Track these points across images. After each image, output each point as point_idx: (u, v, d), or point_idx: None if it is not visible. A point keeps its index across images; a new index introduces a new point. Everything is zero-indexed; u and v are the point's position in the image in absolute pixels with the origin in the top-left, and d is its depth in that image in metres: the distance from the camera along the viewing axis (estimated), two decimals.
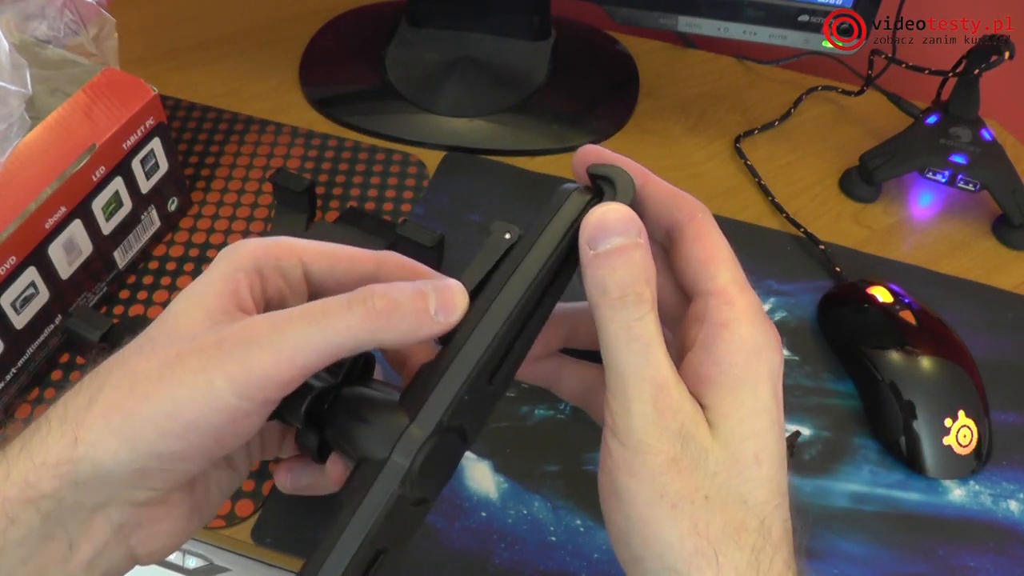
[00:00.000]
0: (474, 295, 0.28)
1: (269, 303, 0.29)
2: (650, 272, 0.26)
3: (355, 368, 0.31)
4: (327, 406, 0.29)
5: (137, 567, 0.30)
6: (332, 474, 0.31)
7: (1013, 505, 0.48)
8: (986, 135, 0.61)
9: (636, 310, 0.26)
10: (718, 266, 0.28)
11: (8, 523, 0.26)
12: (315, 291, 0.30)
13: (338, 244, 0.30)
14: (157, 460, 0.26)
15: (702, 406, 0.26)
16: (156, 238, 0.57)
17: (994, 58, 0.59)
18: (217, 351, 0.25)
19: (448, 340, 0.27)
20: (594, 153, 0.29)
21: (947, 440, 0.48)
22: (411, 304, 0.26)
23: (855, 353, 0.52)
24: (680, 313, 0.29)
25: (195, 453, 0.26)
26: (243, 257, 0.28)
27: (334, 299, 0.26)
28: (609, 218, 0.26)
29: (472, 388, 0.26)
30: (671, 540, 0.25)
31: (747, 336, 0.26)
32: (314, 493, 0.34)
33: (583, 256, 0.26)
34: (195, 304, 0.27)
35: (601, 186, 0.29)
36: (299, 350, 0.25)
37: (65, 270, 0.49)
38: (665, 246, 0.30)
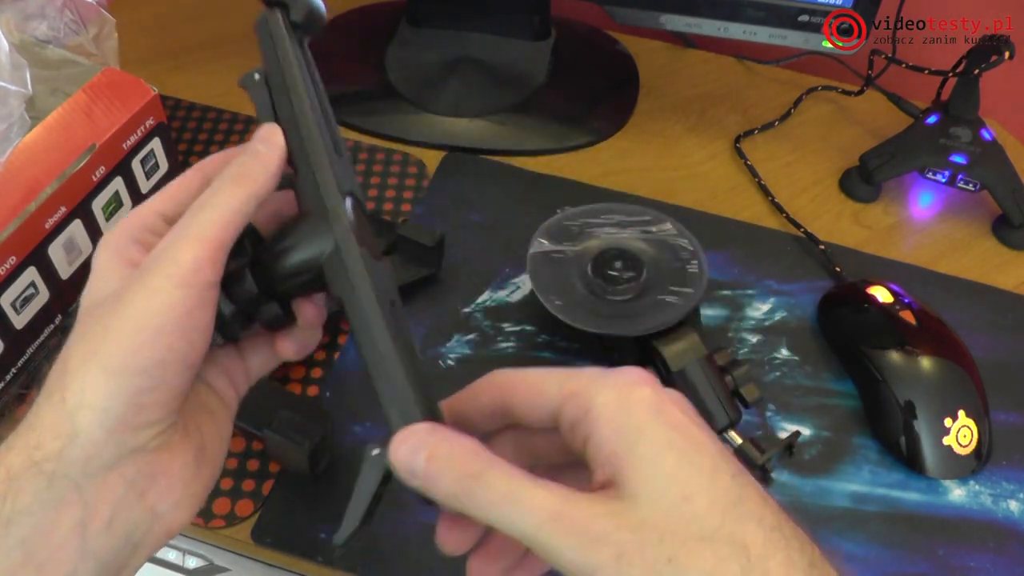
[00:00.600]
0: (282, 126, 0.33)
1: None
2: (464, 446, 0.27)
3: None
4: (260, 274, 0.32)
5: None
6: (287, 347, 0.35)
7: (1013, 505, 0.48)
8: (986, 135, 0.61)
9: (482, 486, 0.26)
10: (545, 385, 0.28)
11: (13, 490, 0.26)
12: None
13: (173, 181, 0.33)
14: (142, 377, 0.27)
15: (618, 485, 0.26)
16: None
17: (994, 58, 0.59)
18: (147, 268, 0.29)
19: (293, 161, 0.33)
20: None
21: (947, 440, 0.48)
22: (251, 159, 0.31)
23: (855, 353, 0.52)
24: (559, 451, 0.30)
25: (172, 357, 0.28)
26: (113, 239, 0.31)
27: (208, 188, 0.31)
28: (402, 450, 0.27)
29: (332, 160, 0.32)
30: None
31: (605, 400, 0.26)
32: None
33: (415, 489, 0.27)
34: (99, 282, 0.30)
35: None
36: (208, 231, 0.29)
37: (65, 270, 0.49)
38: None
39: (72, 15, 0.55)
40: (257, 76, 0.34)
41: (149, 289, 0.28)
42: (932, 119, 0.63)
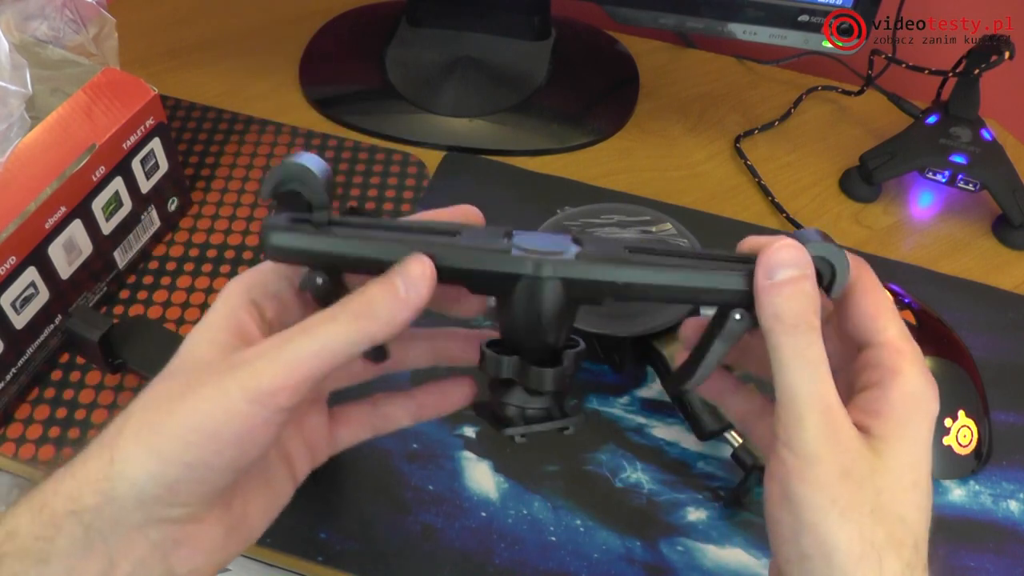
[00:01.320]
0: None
1: (271, 326, 0.32)
2: (818, 303, 0.29)
3: None
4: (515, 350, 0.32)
5: None
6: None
7: (1013, 505, 0.48)
8: (986, 135, 0.61)
9: (807, 336, 0.29)
10: (886, 320, 0.31)
11: (56, 532, 0.28)
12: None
13: None
14: (185, 470, 0.28)
15: (871, 434, 0.29)
16: (156, 238, 0.57)
17: (994, 58, 0.59)
18: (230, 369, 0.28)
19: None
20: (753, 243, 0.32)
21: (947, 440, 0.48)
22: (382, 295, 0.28)
23: None
24: (841, 359, 0.32)
25: (219, 462, 0.28)
26: (236, 294, 0.31)
27: (325, 311, 0.29)
28: (784, 252, 0.29)
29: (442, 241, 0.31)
30: (840, 543, 0.28)
31: (917, 382, 0.30)
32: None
33: (759, 285, 0.30)
34: (206, 339, 0.30)
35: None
36: (300, 360, 0.28)
37: (65, 270, 0.49)
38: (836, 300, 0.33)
39: (72, 15, 0.55)
40: (320, 280, 0.30)
41: (222, 394, 0.28)
42: (932, 119, 0.63)
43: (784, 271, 0.29)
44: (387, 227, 0.31)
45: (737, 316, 0.31)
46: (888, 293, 0.32)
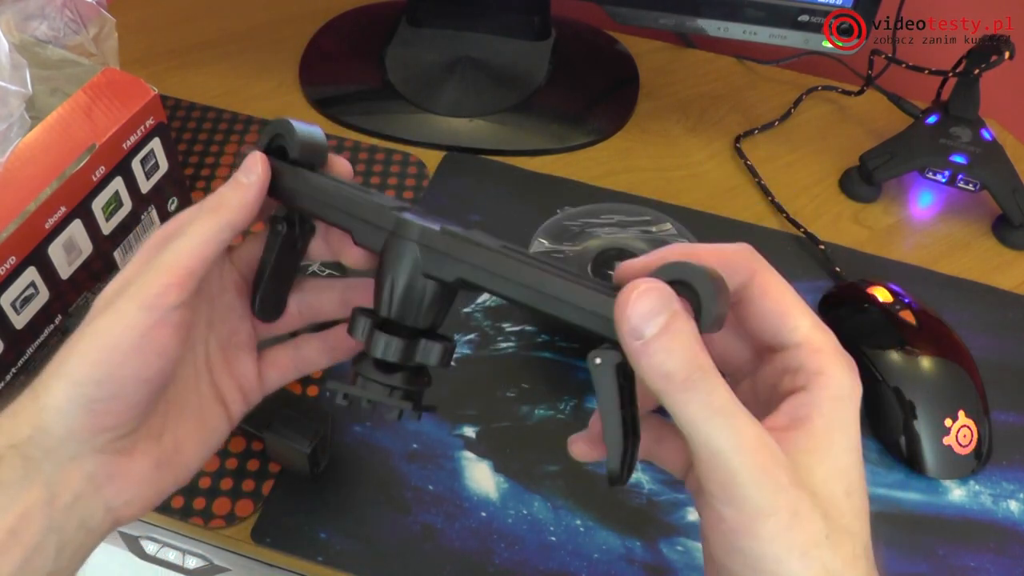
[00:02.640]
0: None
1: None
2: (697, 335, 0.26)
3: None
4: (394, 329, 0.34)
5: (135, 564, 0.31)
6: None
7: (1013, 505, 0.48)
8: (986, 135, 0.61)
9: (706, 384, 0.26)
10: (796, 317, 0.29)
11: (0, 467, 0.30)
12: None
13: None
14: (96, 388, 0.30)
15: (798, 447, 0.27)
16: None
17: (994, 58, 0.59)
18: (122, 290, 0.31)
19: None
20: (635, 266, 0.29)
21: (947, 440, 0.48)
22: (229, 188, 0.34)
23: (855, 353, 0.51)
24: (747, 363, 0.31)
25: (125, 373, 0.30)
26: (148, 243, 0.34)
27: (183, 213, 0.34)
28: (642, 303, 0.26)
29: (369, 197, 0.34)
30: None
31: (842, 380, 0.28)
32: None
33: (629, 348, 0.26)
34: (111, 284, 0.33)
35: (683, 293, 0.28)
36: (177, 258, 0.31)
37: (65, 270, 0.49)
38: (733, 304, 0.30)
39: (72, 15, 0.55)
40: (280, 227, 0.36)
41: (115, 309, 0.31)
42: (932, 119, 0.63)
43: (652, 324, 0.25)
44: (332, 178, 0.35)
45: (598, 360, 0.27)
46: (788, 286, 0.29)
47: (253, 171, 0.34)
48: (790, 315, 0.29)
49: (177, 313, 0.31)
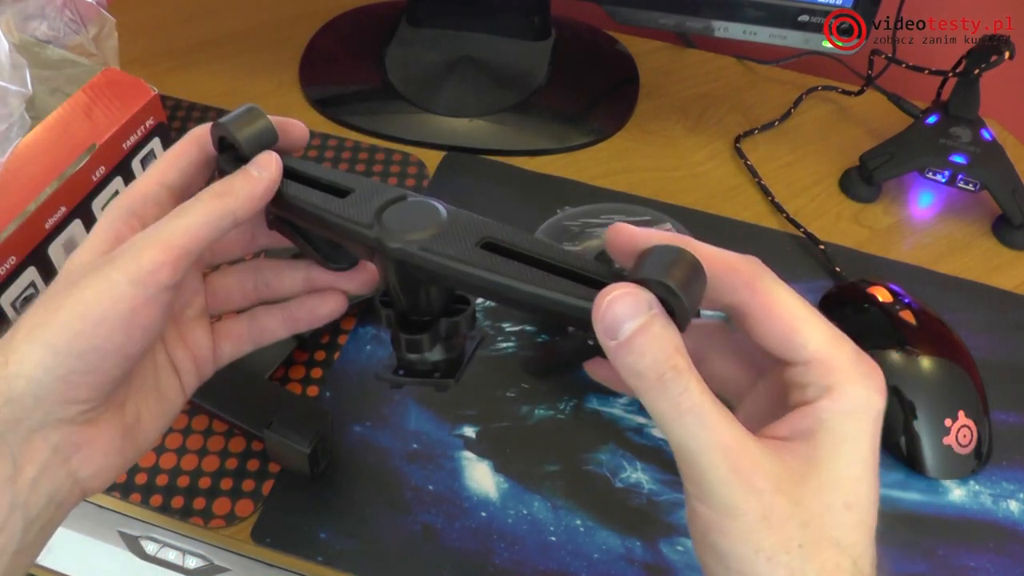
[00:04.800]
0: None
1: None
2: (675, 338, 0.26)
3: None
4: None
5: (135, 564, 0.31)
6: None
7: (1013, 505, 0.48)
8: (986, 135, 0.61)
9: (677, 384, 0.26)
10: (803, 334, 0.28)
11: None
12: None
13: (170, 149, 0.35)
14: (77, 360, 0.29)
15: (796, 455, 0.27)
16: None
17: (994, 58, 0.59)
18: (111, 260, 0.30)
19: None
20: (626, 234, 0.29)
21: (947, 440, 0.48)
22: (239, 177, 0.33)
23: None
24: (748, 380, 0.31)
25: (109, 346, 0.30)
26: (113, 209, 0.33)
27: (191, 198, 0.32)
28: (618, 306, 0.26)
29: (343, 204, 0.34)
30: None
31: (853, 396, 0.27)
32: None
33: (605, 347, 0.27)
34: (86, 250, 0.32)
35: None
36: (174, 236, 0.31)
37: None
38: (734, 320, 0.30)
39: (72, 15, 0.55)
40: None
41: (104, 279, 0.30)
42: (932, 119, 0.63)
43: (627, 326, 0.26)
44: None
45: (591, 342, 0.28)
46: (796, 298, 0.29)
47: (267, 168, 0.33)
48: (796, 333, 0.28)
49: (167, 292, 0.30)
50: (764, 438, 0.27)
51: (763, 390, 0.31)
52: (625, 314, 0.26)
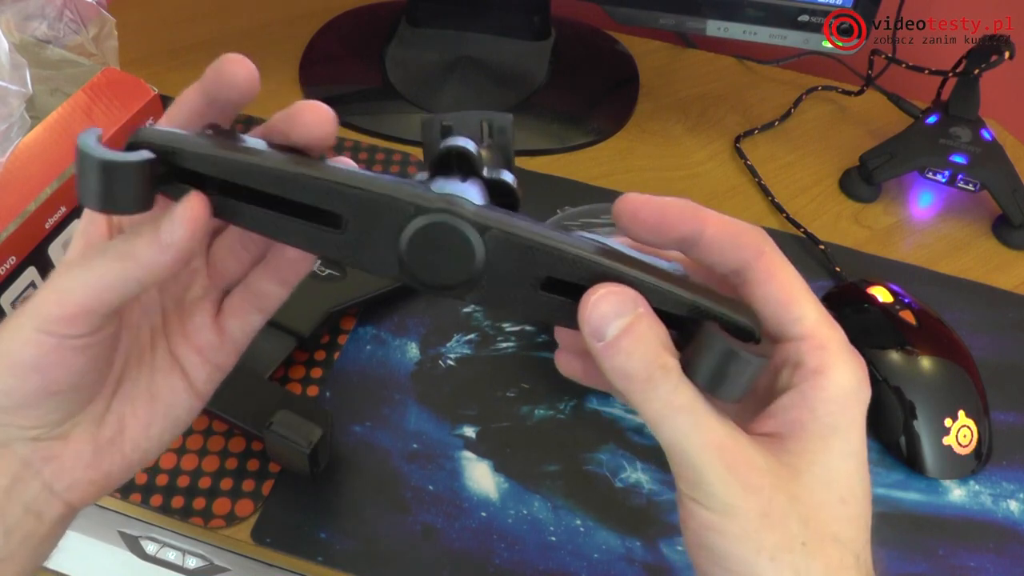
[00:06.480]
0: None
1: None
2: (662, 335, 0.26)
3: None
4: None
5: (135, 565, 0.30)
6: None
7: (1013, 505, 0.48)
8: (986, 135, 0.61)
9: (666, 383, 0.25)
10: (801, 307, 0.27)
11: None
12: None
13: (173, 105, 0.32)
14: (4, 397, 0.29)
15: (787, 450, 0.26)
16: None
17: (994, 58, 0.59)
18: (31, 301, 0.29)
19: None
20: (637, 202, 0.29)
21: (947, 440, 0.48)
22: (145, 236, 0.27)
23: None
24: None
25: (29, 388, 0.29)
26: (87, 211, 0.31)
27: (107, 244, 0.29)
28: (603, 305, 0.26)
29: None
30: None
31: (843, 382, 0.27)
32: None
33: (591, 348, 0.26)
34: (72, 250, 0.31)
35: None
36: (73, 291, 0.28)
37: None
38: (734, 285, 0.29)
39: (72, 15, 0.55)
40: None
41: (16, 324, 0.29)
42: (932, 119, 0.63)
43: (613, 327, 0.25)
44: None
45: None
46: (797, 275, 0.28)
47: (178, 230, 0.27)
48: (795, 303, 0.27)
49: (82, 339, 0.28)
50: (755, 434, 0.27)
51: None
52: (612, 313, 0.25)
